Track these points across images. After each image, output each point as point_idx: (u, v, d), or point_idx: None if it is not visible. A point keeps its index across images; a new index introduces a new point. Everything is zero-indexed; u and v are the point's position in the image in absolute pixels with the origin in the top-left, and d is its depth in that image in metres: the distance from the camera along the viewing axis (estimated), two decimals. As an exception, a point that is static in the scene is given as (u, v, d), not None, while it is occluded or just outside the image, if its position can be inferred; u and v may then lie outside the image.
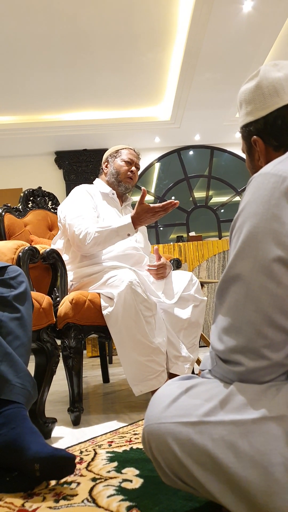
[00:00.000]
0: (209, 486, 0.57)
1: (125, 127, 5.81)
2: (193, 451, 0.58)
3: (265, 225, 0.58)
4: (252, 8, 3.77)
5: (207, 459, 0.57)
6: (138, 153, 2.03)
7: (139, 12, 3.89)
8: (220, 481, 0.56)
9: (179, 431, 0.60)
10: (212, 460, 0.57)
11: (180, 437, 0.60)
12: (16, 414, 0.94)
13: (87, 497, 0.79)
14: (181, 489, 0.64)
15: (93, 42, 4.24)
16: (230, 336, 0.60)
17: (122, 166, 1.95)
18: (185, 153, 6.88)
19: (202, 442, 0.58)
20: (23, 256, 1.47)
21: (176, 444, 0.60)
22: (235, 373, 0.60)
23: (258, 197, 0.59)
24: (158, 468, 0.65)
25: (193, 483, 0.60)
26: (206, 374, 0.68)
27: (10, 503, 0.79)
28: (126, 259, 1.78)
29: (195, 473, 0.58)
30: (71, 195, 1.89)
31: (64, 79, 4.79)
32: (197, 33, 4.05)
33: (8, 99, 5.09)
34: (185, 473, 0.60)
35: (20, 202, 2.17)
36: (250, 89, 0.78)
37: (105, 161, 2.02)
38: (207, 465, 0.57)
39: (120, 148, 2.00)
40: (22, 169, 6.31)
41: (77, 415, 1.45)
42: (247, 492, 0.54)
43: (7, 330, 1.08)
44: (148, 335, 1.49)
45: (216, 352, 0.63)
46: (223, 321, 0.61)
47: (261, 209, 0.58)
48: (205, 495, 0.60)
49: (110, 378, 2.48)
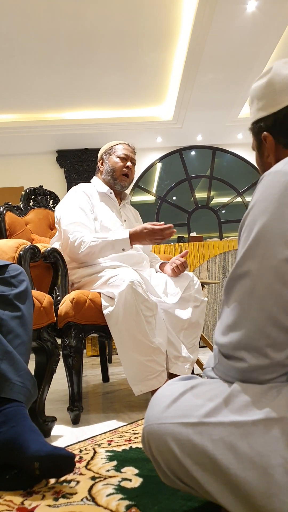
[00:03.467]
0: (208, 486, 0.57)
1: (127, 127, 5.81)
2: (193, 452, 0.58)
3: (275, 225, 0.57)
4: (256, 8, 3.77)
5: (207, 460, 0.57)
6: (133, 147, 2.00)
7: (143, 11, 3.89)
8: (220, 482, 0.56)
9: (179, 432, 0.60)
10: (211, 461, 0.57)
11: (180, 438, 0.60)
12: (16, 412, 0.94)
13: (86, 495, 0.79)
14: (180, 489, 0.65)
15: (96, 41, 4.24)
16: (233, 332, 0.60)
17: (117, 163, 1.92)
18: (187, 154, 6.88)
19: (202, 443, 0.58)
20: (24, 254, 1.47)
21: (176, 445, 0.60)
22: (237, 370, 0.60)
23: (269, 196, 0.59)
24: (158, 468, 0.65)
25: (193, 483, 0.60)
26: (209, 371, 0.68)
27: (10, 501, 0.80)
28: (127, 259, 1.77)
29: (194, 474, 0.58)
30: (67, 197, 1.87)
31: (66, 78, 4.79)
32: (200, 33, 4.05)
33: (10, 97, 5.09)
34: (184, 473, 0.60)
35: (21, 200, 2.17)
36: (262, 85, 0.78)
37: (100, 159, 2.00)
38: (207, 466, 0.57)
39: (114, 144, 1.98)
40: (24, 167, 6.31)
41: (76, 414, 1.45)
42: (247, 493, 0.54)
43: (8, 329, 1.08)
44: (148, 335, 1.49)
45: (219, 347, 0.63)
46: (228, 317, 0.61)
47: (271, 208, 0.58)
48: (204, 495, 0.60)
49: (110, 377, 2.49)
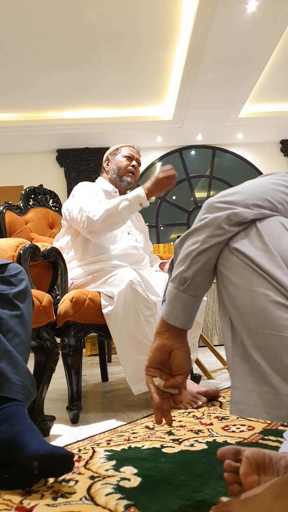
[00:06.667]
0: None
1: (127, 126, 5.81)
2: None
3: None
4: (256, 8, 3.77)
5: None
6: (138, 150, 2.06)
7: (143, 11, 3.88)
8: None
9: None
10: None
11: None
12: (15, 411, 0.94)
13: (85, 495, 0.79)
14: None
15: (97, 40, 4.24)
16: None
17: (123, 162, 1.97)
18: (187, 153, 6.88)
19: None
20: (23, 253, 1.47)
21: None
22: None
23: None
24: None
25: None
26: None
27: (8, 500, 0.79)
28: (127, 259, 1.78)
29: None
30: (76, 190, 1.89)
31: (66, 77, 4.79)
32: (200, 33, 4.04)
33: (11, 96, 5.09)
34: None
35: (21, 199, 2.17)
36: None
37: (106, 159, 2.05)
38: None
39: (119, 146, 2.04)
40: (24, 166, 6.31)
41: (75, 413, 1.45)
42: None
43: (7, 328, 1.08)
44: (147, 334, 1.49)
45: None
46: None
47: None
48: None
49: (109, 376, 2.49)
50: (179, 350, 0.72)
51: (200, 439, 1.10)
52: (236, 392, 0.61)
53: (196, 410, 1.46)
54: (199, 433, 1.15)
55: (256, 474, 0.66)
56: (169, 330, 0.72)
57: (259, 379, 0.57)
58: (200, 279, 0.67)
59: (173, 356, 0.73)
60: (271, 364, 0.55)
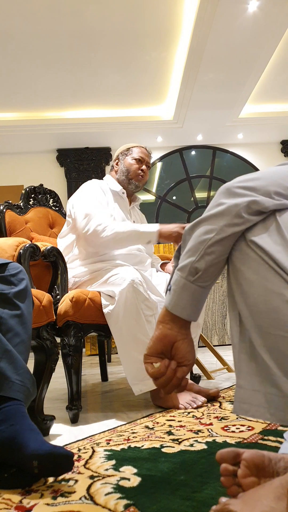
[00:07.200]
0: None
1: (128, 126, 5.80)
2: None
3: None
4: (257, 8, 3.76)
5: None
6: (150, 152, 2.02)
7: (144, 11, 3.88)
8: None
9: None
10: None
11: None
12: (15, 411, 0.94)
13: (84, 494, 0.79)
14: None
15: (97, 40, 4.24)
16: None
17: (133, 165, 1.94)
18: (187, 153, 6.88)
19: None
20: (24, 253, 1.47)
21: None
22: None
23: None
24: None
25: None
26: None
27: (8, 499, 0.79)
28: (129, 259, 1.78)
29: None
30: (84, 188, 1.87)
31: (67, 77, 4.79)
32: (201, 33, 4.04)
33: (11, 96, 5.09)
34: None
35: (21, 199, 2.17)
36: None
37: (116, 158, 2.02)
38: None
39: (131, 146, 2.00)
40: (24, 166, 6.31)
41: (75, 413, 1.45)
42: None
43: (7, 327, 1.08)
44: (148, 334, 1.49)
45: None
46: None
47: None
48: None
49: (109, 376, 2.49)
50: (183, 341, 0.69)
51: (200, 439, 1.10)
52: (241, 391, 0.60)
53: (196, 410, 1.46)
54: (198, 433, 1.15)
55: (255, 476, 0.65)
56: (173, 320, 0.69)
57: (265, 379, 0.56)
58: (213, 271, 0.63)
59: (176, 348, 0.70)
60: (280, 366, 0.54)
